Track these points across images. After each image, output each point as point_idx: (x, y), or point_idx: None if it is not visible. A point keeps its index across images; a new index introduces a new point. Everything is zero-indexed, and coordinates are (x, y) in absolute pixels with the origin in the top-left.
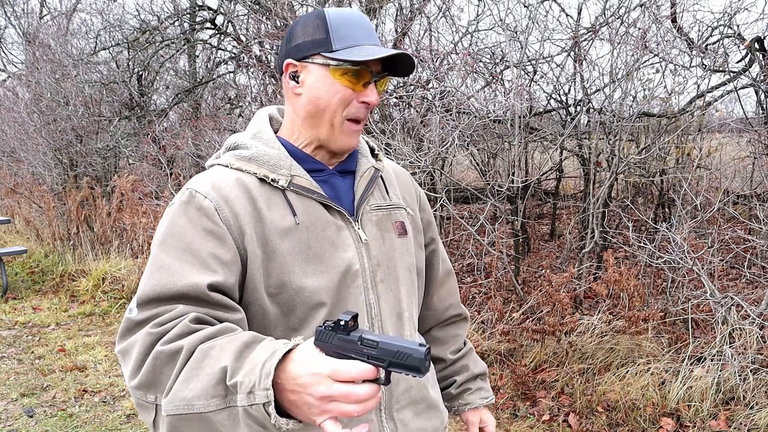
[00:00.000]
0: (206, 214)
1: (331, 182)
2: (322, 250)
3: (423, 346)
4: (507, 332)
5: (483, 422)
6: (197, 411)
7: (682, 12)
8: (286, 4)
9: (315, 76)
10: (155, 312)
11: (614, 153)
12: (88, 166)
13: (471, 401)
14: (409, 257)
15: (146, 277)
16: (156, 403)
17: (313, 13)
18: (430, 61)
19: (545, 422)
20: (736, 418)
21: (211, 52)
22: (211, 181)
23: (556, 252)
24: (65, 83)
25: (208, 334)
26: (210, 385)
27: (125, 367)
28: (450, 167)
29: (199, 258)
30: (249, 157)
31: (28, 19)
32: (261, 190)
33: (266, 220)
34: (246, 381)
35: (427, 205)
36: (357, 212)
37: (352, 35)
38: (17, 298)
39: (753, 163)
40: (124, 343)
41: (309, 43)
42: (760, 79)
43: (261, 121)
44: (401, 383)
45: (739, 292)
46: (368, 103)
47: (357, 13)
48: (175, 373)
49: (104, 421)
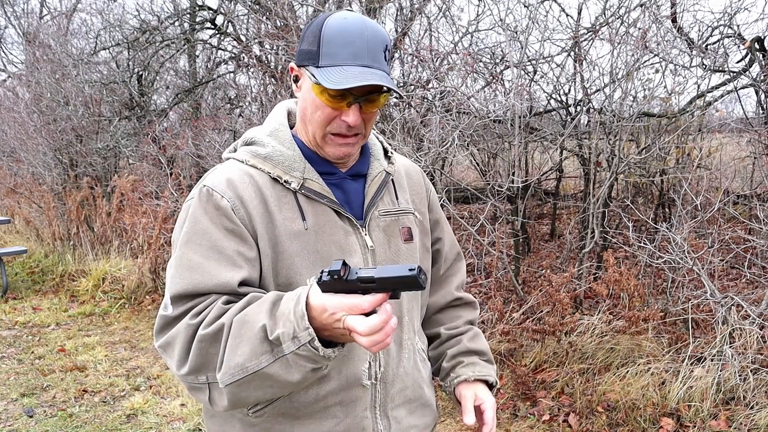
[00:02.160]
0: (225, 214)
1: (342, 186)
2: (330, 254)
3: (412, 270)
4: (507, 332)
5: (479, 399)
6: (252, 371)
7: (682, 12)
8: (286, 4)
9: (306, 85)
10: (190, 305)
11: (614, 153)
12: (88, 166)
13: (462, 373)
14: (413, 263)
15: (177, 276)
16: (208, 382)
17: (320, 18)
18: (430, 61)
19: (545, 422)
20: (736, 418)
21: (211, 52)
22: (227, 179)
23: (556, 252)
24: (65, 83)
25: (239, 306)
26: (256, 345)
27: (170, 359)
28: (450, 167)
29: (225, 255)
30: (264, 155)
31: (28, 19)
32: (273, 191)
33: (277, 222)
34: (286, 330)
35: (437, 204)
36: (365, 217)
37: (339, 53)
38: (17, 298)
39: (753, 163)
40: (164, 337)
41: (305, 53)
42: (760, 79)
43: (279, 116)
44: (397, 383)
45: (739, 292)
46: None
47: (357, 24)
48: (222, 348)
49: (104, 421)
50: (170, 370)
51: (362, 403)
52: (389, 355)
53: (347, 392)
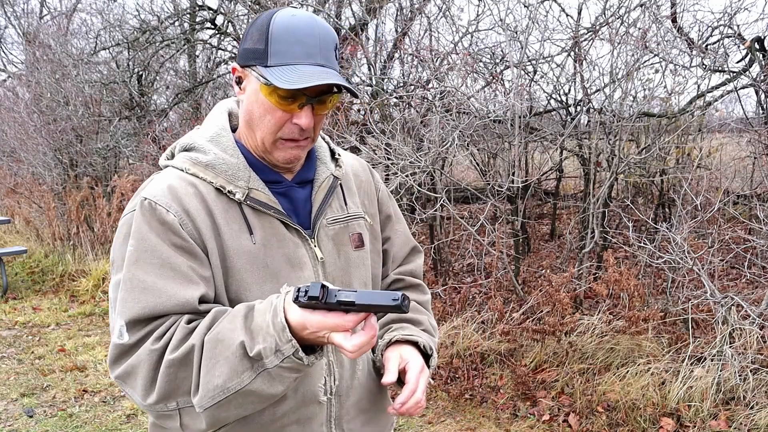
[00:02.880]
0: (171, 230)
1: (289, 194)
2: (279, 268)
3: (396, 299)
4: (507, 332)
5: (403, 359)
6: (234, 390)
7: (682, 12)
8: (286, 4)
9: (252, 87)
10: (149, 329)
11: (614, 153)
12: (88, 166)
13: (387, 338)
14: (365, 270)
15: (129, 300)
16: (178, 407)
17: (265, 15)
18: (430, 61)
19: (545, 422)
20: (737, 418)
21: (211, 52)
22: (169, 190)
23: (556, 252)
24: (65, 83)
25: (206, 324)
26: (235, 363)
27: (131, 390)
28: (450, 167)
29: (180, 272)
30: (206, 163)
31: (28, 19)
32: (218, 202)
33: (224, 235)
34: (267, 345)
35: (386, 199)
36: (314, 227)
37: (289, 51)
38: (17, 298)
39: (753, 163)
40: (122, 367)
41: (251, 51)
42: (760, 79)
43: (220, 119)
44: (351, 396)
45: (739, 292)
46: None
47: (308, 22)
48: (196, 371)
49: (104, 421)
50: (132, 401)
51: (318, 420)
52: (343, 368)
53: (304, 410)
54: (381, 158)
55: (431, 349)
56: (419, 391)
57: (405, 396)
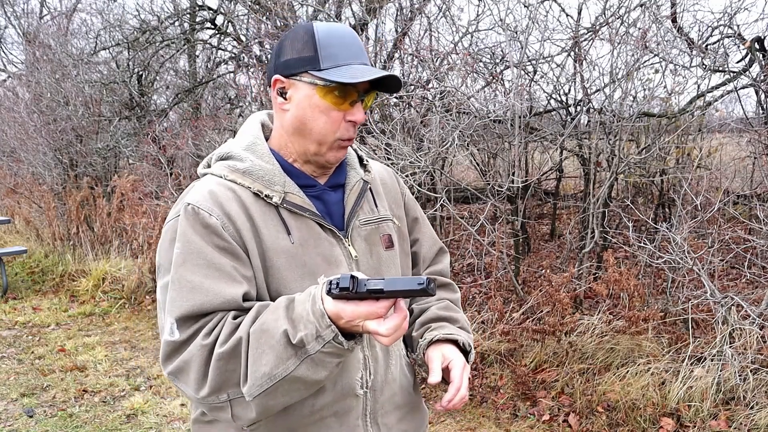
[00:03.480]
0: (215, 232)
1: (322, 198)
2: (316, 266)
3: (421, 284)
4: (507, 332)
5: (446, 358)
6: (280, 377)
7: (682, 12)
8: (286, 4)
9: (302, 93)
10: (198, 326)
11: (614, 153)
12: (88, 166)
13: (428, 337)
14: (395, 269)
15: (178, 299)
16: (229, 399)
17: (301, 27)
18: (430, 61)
19: (545, 422)
20: (737, 418)
21: (211, 52)
22: (210, 195)
23: (556, 252)
24: (65, 83)
25: (251, 318)
26: (280, 351)
27: (184, 385)
28: (450, 167)
29: (224, 272)
30: (243, 170)
31: (28, 19)
32: (256, 205)
33: (263, 236)
34: (308, 331)
35: (412, 202)
36: (347, 228)
37: (340, 54)
38: (17, 298)
39: (753, 163)
40: (174, 363)
41: (297, 60)
42: (760, 79)
43: (254, 130)
44: (386, 391)
45: (739, 292)
46: (354, 122)
47: (346, 29)
48: (244, 362)
49: (104, 421)
50: (185, 395)
51: (355, 413)
52: (377, 362)
53: (342, 403)
54: (381, 158)
55: (470, 346)
56: (464, 388)
57: (452, 393)
